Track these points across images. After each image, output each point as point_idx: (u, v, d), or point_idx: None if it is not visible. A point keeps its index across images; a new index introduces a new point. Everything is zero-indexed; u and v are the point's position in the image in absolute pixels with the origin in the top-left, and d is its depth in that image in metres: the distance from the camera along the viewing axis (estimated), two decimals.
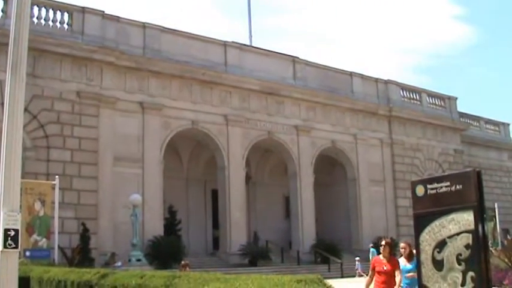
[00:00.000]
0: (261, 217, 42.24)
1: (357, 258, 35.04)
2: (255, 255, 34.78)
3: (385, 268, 11.12)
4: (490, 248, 24.27)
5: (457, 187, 7.23)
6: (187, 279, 9.75)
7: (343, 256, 36.87)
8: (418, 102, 48.86)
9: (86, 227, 28.20)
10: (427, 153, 47.90)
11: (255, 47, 41.10)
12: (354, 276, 32.57)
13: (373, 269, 11.36)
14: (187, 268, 23.72)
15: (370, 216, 42.35)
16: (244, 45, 40.04)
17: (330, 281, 10.84)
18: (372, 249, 35.79)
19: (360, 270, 33.77)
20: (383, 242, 11.50)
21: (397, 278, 10.96)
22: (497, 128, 60.41)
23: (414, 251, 9.78)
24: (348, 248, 40.32)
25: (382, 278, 11.09)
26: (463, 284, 7.01)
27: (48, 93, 29.33)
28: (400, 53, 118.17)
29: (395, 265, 11.15)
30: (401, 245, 11.78)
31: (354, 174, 42.89)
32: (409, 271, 11.15)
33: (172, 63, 34.08)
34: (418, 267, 7.79)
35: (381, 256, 11.45)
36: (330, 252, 36.82)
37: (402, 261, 11.47)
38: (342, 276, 32.64)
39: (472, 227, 7.01)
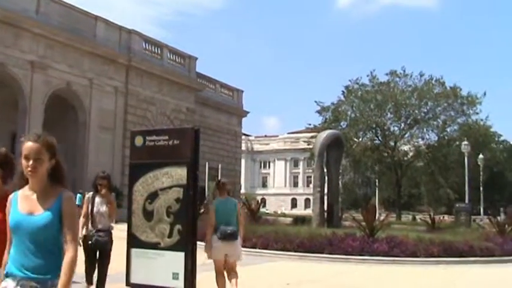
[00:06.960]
0: None
1: None
2: None
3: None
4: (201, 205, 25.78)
5: (175, 142, 7.61)
6: None
7: None
8: (159, 57, 49.51)
9: None
10: (161, 107, 48.83)
11: None
12: None
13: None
14: None
15: (96, 162, 42.12)
16: None
17: None
18: (79, 195, 35.16)
19: None
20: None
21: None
22: (231, 94, 63.65)
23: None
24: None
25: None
26: (170, 235, 7.45)
27: None
28: (144, 4, 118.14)
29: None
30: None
31: (85, 119, 42.41)
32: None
33: None
34: (128, 217, 7.91)
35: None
36: None
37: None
38: None
39: (185, 182, 7.44)
